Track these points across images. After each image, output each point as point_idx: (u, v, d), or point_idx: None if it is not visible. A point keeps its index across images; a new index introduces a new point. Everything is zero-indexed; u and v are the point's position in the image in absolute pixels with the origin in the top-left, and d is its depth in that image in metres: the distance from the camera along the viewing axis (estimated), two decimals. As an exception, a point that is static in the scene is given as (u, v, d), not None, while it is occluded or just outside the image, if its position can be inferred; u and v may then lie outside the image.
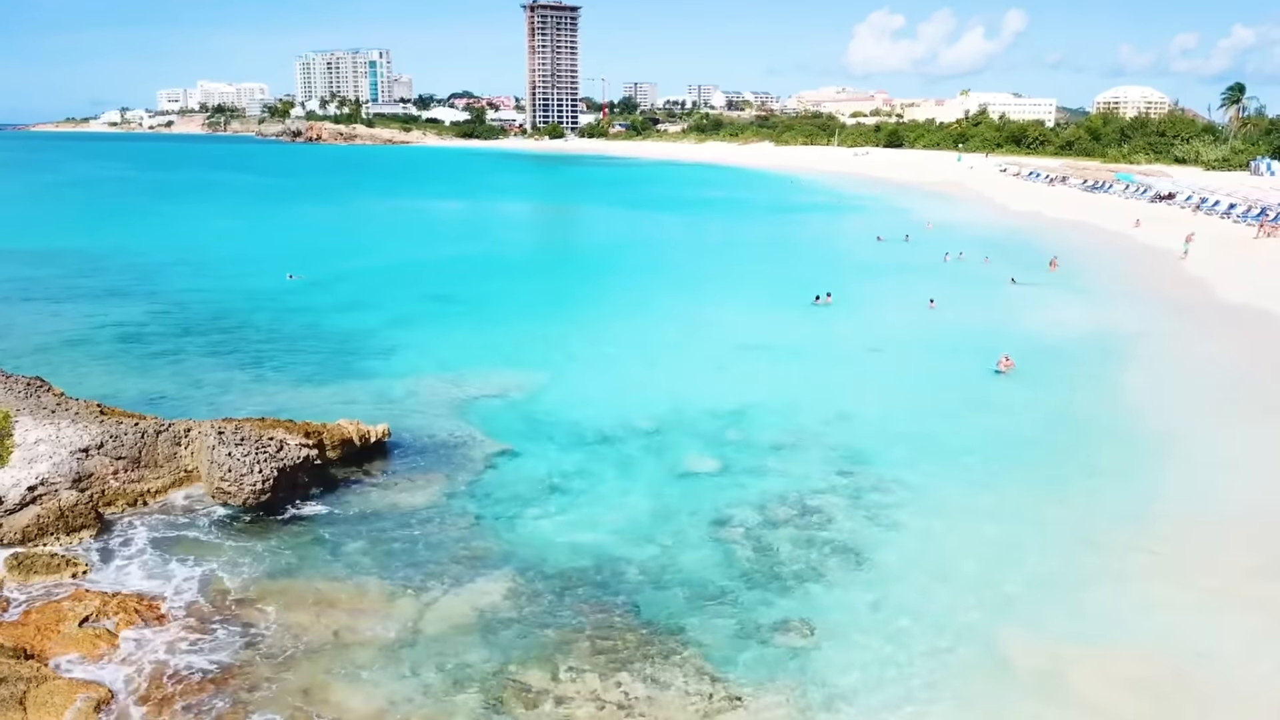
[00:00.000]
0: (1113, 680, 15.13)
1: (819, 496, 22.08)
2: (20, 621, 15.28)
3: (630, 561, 18.86)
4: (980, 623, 16.70)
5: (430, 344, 36.86)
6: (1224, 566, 18.71)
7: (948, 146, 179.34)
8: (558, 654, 15.69)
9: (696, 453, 25.01)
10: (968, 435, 26.53)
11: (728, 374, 33.29)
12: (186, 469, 20.16)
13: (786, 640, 16.13)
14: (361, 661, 15.46)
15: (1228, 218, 72.60)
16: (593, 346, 37.54)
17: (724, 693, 14.64)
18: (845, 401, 29.78)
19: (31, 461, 18.72)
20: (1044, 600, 17.56)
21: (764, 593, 17.74)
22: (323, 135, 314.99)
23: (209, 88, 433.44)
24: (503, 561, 18.83)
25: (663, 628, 16.46)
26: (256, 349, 35.53)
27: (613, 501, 21.88)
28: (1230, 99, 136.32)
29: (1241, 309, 42.35)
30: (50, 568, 16.67)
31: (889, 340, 38.67)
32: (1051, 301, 45.79)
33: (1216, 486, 22.75)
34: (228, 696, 14.41)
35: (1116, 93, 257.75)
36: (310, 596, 17.44)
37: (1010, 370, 32.50)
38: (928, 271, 55.28)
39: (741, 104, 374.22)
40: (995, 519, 20.89)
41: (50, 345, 35.13)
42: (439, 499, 21.71)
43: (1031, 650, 15.90)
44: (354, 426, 23.23)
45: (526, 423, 27.20)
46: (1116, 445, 25.63)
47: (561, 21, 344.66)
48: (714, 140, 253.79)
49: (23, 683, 13.32)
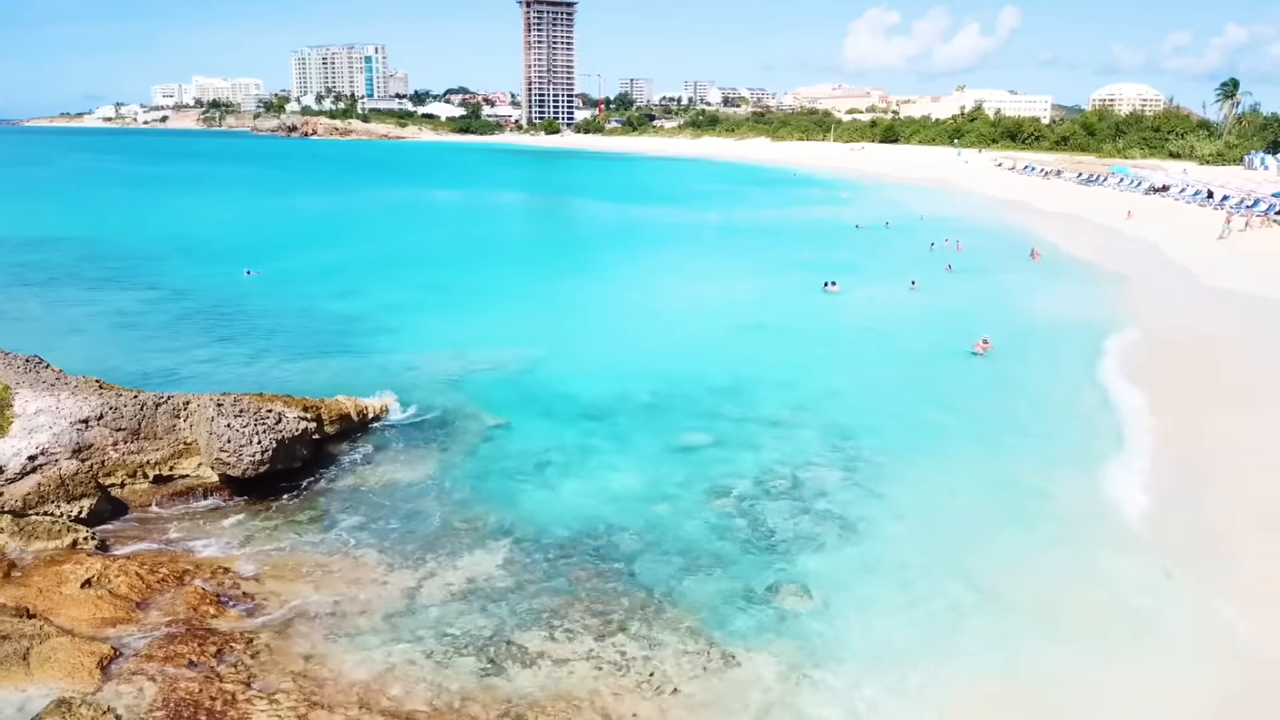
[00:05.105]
0: (1089, 626, 15.50)
1: (811, 468, 22.43)
2: (23, 582, 15.44)
3: (626, 530, 19.09)
4: (964, 584, 17.04)
5: (429, 324, 37.13)
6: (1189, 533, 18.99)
7: (943, 142, 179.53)
8: (554, 618, 15.90)
9: (691, 427, 25.35)
10: (951, 412, 26.99)
11: (723, 353, 33.75)
12: (185, 441, 20.31)
13: (780, 603, 16.39)
14: (361, 628, 15.63)
15: (1221, 209, 72.87)
16: (589, 327, 37.90)
17: (719, 652, 14.88)
18: (836, 378, 30.32)
19: (32, 432, 18.86)
20: (1018, 563, 17.96)
21: (758, 558, 18.02)
22: (318, 130, 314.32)
23: (204, 83, 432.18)
24: (500, 532, 19.03)
25: (658, 592, 16.70)
26: (254, 333, 35.68)
27: (609, 473, 22.14)
28: (1225, 94, 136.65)
29: (1224, 293, 42.52)
30: (51, 533, 16.83)
31: (879, 320, 39.44)
32: (1030, 289, 46.11)
33: (1180, 464, 22.94)
34: (229, 660, 14.54)
35: (1112, 90, 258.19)
36: (310, 567, 17.61)
37: (987, 352, 32.99)
38: (914, 258, 56.14)
39: (738, 100, 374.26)
40: (982, 490, 21.23)
41: (47, 329, 35.19)
42: (437, 472, 21.91)
43: (1015, 602, 16.30)
44: (352, 402, 23.40)
45: (524, 398, 27.47)
46: (1092, 425, 25.85)
47: (557, 17, 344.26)
48: (710, 136, 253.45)
49: (26, 640, 13.48)
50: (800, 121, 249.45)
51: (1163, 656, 14.93)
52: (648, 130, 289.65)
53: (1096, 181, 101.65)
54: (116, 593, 15.34)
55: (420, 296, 43.71)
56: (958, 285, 47.78)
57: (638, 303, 43.58)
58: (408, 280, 47.86)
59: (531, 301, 43.47)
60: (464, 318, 38.81)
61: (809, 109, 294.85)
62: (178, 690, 13.16)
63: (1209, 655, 14.87)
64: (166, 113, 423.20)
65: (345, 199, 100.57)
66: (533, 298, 44.57)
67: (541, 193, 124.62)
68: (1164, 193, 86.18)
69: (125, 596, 15.37)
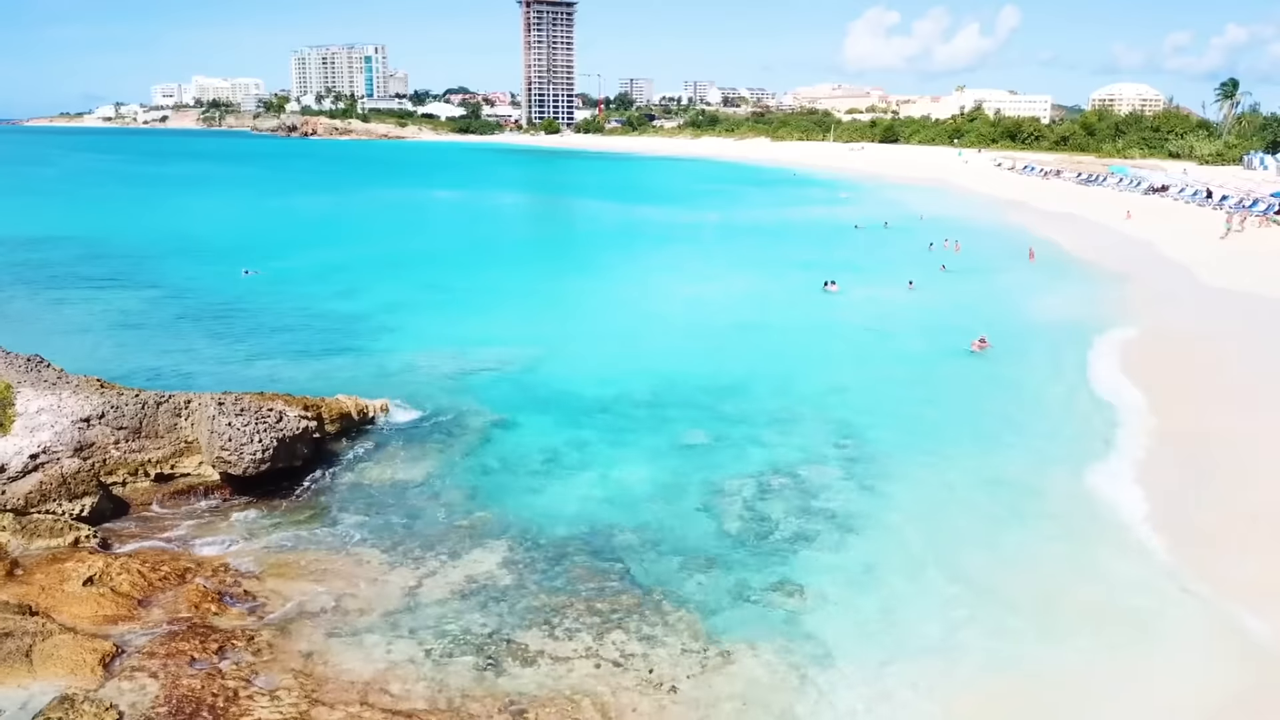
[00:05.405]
0: (1088, 624, 15.56)
1: (809, 467, 22.50)
2: (25, 580, 15.52)
3: (625, 529, 19.17)
4: (963, 583, 17.11)
5: (429, 323, 37.25)
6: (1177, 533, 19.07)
7: (943, 142, 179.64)
8: (554, 616, 15.98)
9: (691, 426, 25.45)
10: (949, 411, 27.15)
11: (723, 352, 33.90)
12: (187, 440, 20.38)
13: (779, 601, 16.47)
14: (362, 626, 15.69)
15: (1220, 209, 72.94)
16: (589, 327, 38.02)
17: (717, 650, 14.94)
18: (835, 378, 30.45)
19: (34, 430, 18.94)
20: (1017, 561, 18.03)
21: (756, 557, 18.09)
22: (318, 130, 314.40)
23: (204, 82, 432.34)
24: (500, 531, 19.10)
25: (657, 591, 16.77)
26: (254, 332, 35.77)
27: (609, 472, 22.22)
28: (1224, 94, 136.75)
29: (1222, 292, 42.62)
30: (54, 531, 16.91)
31: (878, 320, 39.58)
32: (1028, 289, 46.16)
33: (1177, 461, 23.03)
34: (230, 658, 14.61)
35: (1112, 90, 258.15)
36: (311, 565, 17.68)
37: (985, 351, 33.10)
38: (913, 258, 56.28)
39: (737, 100, 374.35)
40: (979, 489, 21.32)
41: (48, 329, 35.29)
42: (437, 471, 21.99)
43: (1014, 600, 16.35)
44: (352, 401, 23.48)
45: (525, 397, 27.57)
46: (1089, 423, 25.89)
47: (557, 17, 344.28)
48: (710, 136, 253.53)
49: (29, 637, 13.56)
50: (800, 121, 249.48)
51: (1162, 655, 14.98)
52: (647, 130, 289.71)
53: (1096, 181, 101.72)
54: (118, 590, 15.42)
55: (420, 296, 43.79)
56: (956, 285, 47.85)
57: (637, 302, 43.69)
58: (408, 280, 47.95)
59: (531, 301, 43.60)
60: (464, 317, 38.91)
61: (809, 109, 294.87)
62: (180, 687, 13.25)
63: (1209, 653, 14.91)
64: (166, 113, 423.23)
65: (345, 199, 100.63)
66: (533, 297, 44.70)
67: (541, 193, 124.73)
68: (1163, 193, 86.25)
69: (127, 594, 15.45)
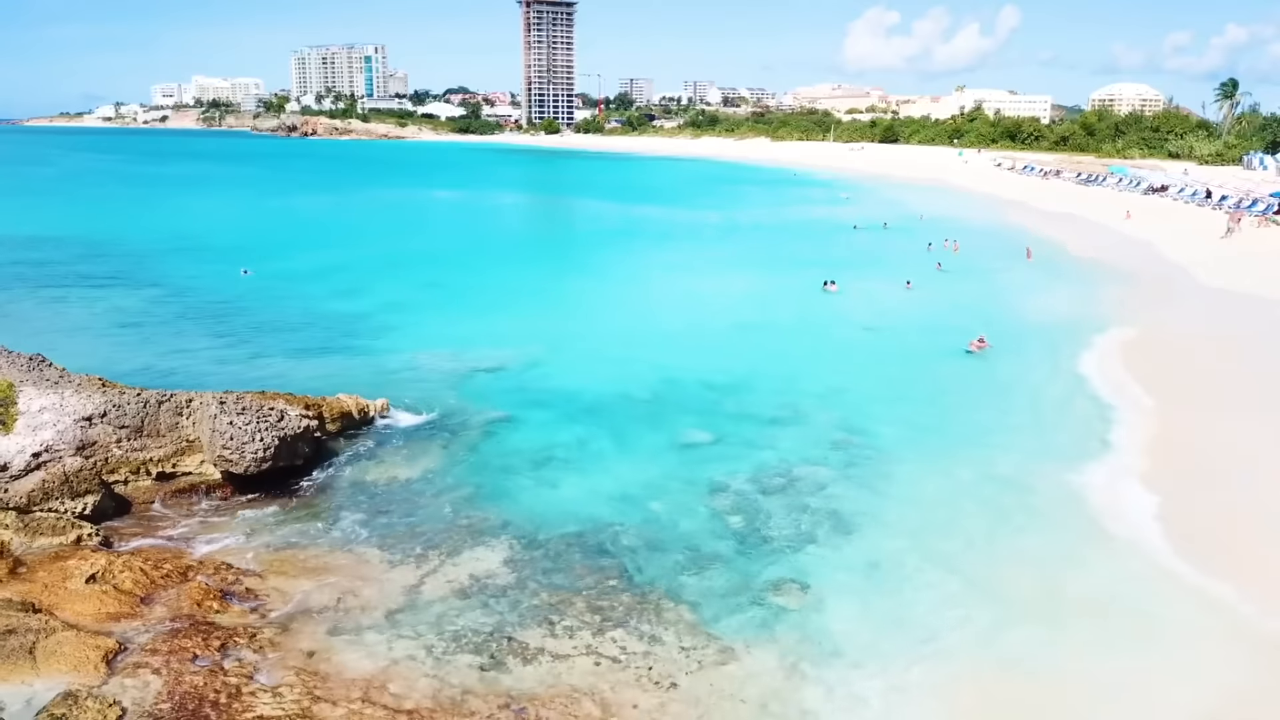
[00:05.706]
0: (1087, 622, 15.63)
1: (809, 466, 22.58)
2: (28, 578, 15.58)
3: (625, 527, 19.23)
4: (962, 581, 17.18)
5: (429, 323, 37.35)
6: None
7: (943, 142, 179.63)
8: (554, 614, 16.04)
9: (691, 424, 25.52)
10: (948, 410, 27.22)
11: (722, 351, 34.00)
12: (188, 438, 20.45)
13: (778, 598, 16.54)
14: (363, 624, 15.75)
15: (1219, 209, 73.04)
16: (589, 326, 38.11)
17: (717, 647, 15.02)
18: (834, 377, 30.50)
19: (36, 429, 19.01)
20: (1015, 559, 18.08)
21: (756, 554, 18.17)
22: (318, 130, 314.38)
23: (204, 82, 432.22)
24: (500, 529, 19.16)
25: (657, 589, 16.84)
26: (256, 331, 35.84)
27: (609, 470, 22.29)
28: (1224, 94, 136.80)
29: (1221, 293, 42.67)
30: (56, 529, 16.97)
31: (877, 319, 39.70)
32: (1027, 288, 46.22)
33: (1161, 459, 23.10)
34: (232, 655, 14.68)
35: (1111, 90, 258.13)
36: (312, 563, 17.75)
37: (983, 350, 33.18)
38: (912, 258, 56.34)
39: (737, 100, 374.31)
40: (978, 488, 21.36)
41: (49, 328, 35.33)
42: (438, 469, 22.06)
43: (1013, 598, 16.41)
44: (353, 400, 23.54)
45: (525, 395, 27.64)
46: (1087, 423, 25.93)
47: (557, 17, 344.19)
48: (710, 136, 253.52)
49: (32, 634, 13.62)
50: (800, 121, 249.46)
51: (1164, 653, 15.02)
52: (647, 130, 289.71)
53: (1096, 181, 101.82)
54: (121, 588, 15.49)
55: (421, 295, 43.86)
56: (954, 285, 47.91)
57: (637, 302, 43.80)
58: (408, 279, 48.02)
59: (531, 300, 43.70)
60: (464, 316, 38.99)
61: (809, 109, 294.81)
62: (182, 683, 13.32)
63: (1210, 652, 14.95)
64: (166, 112, 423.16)
65: (345, 199, 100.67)
66: (533, 296, 44.78)
67: (541, 192, 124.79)
68: (1163, 193, 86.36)
69: (129, 592, 15.52)
